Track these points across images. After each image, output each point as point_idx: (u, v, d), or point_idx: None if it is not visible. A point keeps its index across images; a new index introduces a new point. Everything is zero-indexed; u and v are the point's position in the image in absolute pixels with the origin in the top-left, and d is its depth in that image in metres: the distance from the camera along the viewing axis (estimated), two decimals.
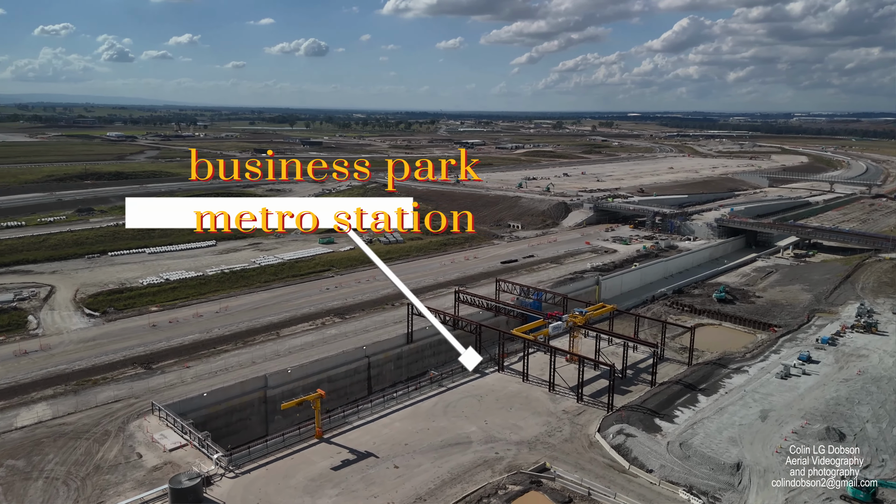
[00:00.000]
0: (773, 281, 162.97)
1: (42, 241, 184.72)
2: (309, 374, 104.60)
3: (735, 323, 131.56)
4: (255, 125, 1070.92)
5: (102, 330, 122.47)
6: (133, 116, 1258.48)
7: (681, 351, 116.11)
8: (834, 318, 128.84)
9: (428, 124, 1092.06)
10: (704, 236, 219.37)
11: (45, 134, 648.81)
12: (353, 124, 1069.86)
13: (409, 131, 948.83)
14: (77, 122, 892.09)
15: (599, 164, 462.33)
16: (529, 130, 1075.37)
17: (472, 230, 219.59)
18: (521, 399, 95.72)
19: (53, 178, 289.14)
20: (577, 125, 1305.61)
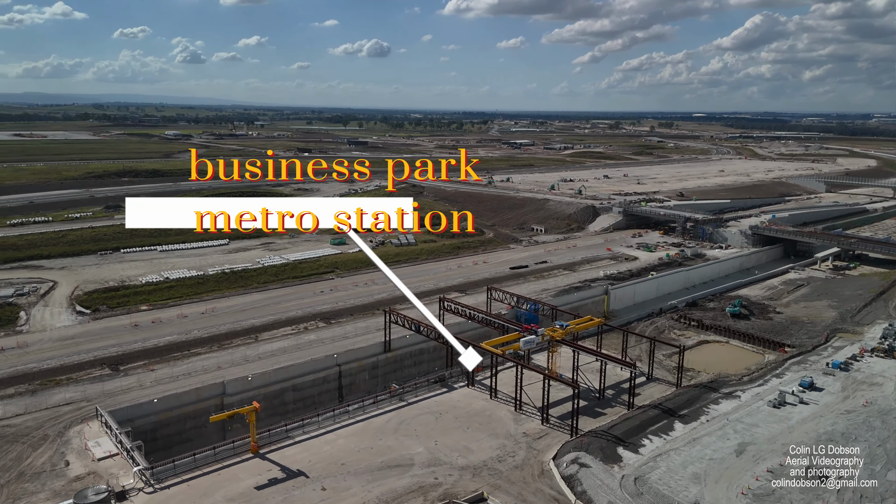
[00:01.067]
0: (799, 295, 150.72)
1: (61, 236, 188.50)
2: (271, 382, 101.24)
3: (744, 341, 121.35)
4: (312, 124, 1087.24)
5: (85, 328, 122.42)
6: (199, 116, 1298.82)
7: (675, 371, 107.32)
8: (855, 340, 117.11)
9: (480, 124, 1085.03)
10: (738, 245, 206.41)
11: (109, 132, 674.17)
12: (407, 124, 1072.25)
13: (460, 131, 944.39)
14: (142, 121, 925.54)
15: (646, 167, 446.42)
16: (584, 131, 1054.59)
17: (471, 230, 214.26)
18: (482, 418, 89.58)
19: (93, 175, 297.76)
20: (635, 126, 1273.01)
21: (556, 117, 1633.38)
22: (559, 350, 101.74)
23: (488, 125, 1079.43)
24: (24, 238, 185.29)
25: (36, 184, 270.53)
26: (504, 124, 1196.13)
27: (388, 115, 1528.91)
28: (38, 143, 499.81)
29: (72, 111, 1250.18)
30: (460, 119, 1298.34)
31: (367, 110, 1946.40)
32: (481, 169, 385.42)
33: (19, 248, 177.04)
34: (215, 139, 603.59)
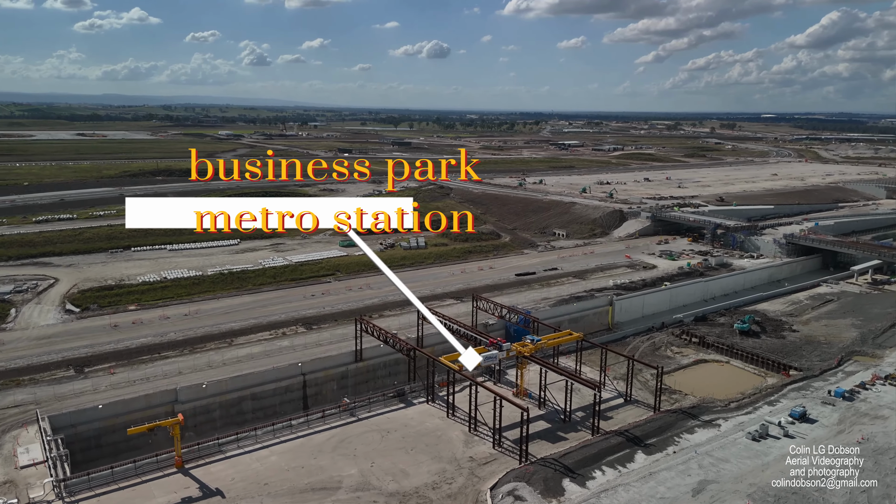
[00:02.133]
0: (823, 312, 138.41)
1: (78, 234, 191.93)
2: (228, 391, 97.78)
3: (745, 361, 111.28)
4: (366, 125, 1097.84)
5: (66, 327, 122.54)
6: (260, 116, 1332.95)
7: (664, 391, 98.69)
8: (871, 365, 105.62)
9: (532, 125, 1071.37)
10: (771, 254, 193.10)
11: (167, 132, 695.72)
12: (459, 125, 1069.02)
13: (511, 132, 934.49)
14: (201, 122, 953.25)
15: (693, 169, 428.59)
16: (640, 132, 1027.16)
17: (471, 230, 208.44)
18: (431, 438, 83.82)
19: (128, 173, 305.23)
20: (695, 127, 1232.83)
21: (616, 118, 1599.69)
22: (528, 366, 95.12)
23: (540, 126, 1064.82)
24: (42, 235, 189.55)
25: (72, 181, 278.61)
26: (558, 125, 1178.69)
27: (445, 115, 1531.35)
28: (92, 143, 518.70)
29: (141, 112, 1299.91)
30: (516, 120, 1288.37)
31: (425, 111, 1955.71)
32: (517, 170, 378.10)
33: (35, 244, 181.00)
34: (264, 139, 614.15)
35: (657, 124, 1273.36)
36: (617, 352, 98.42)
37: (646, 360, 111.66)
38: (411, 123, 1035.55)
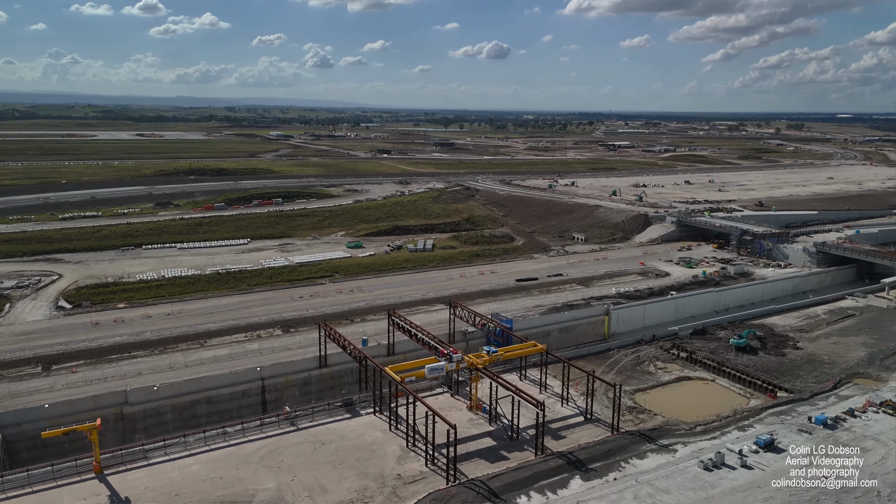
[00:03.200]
0: (838, 328, 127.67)
1: (95, 231, 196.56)
2: (181, 393, 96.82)
3: (732, 380, 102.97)
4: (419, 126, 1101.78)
5: (51, 324, 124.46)
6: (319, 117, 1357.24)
7: (632, 410, 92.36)
8: (871, 388, 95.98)
9: (586, 125, 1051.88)
10: (800, 263, 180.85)
11: (221, 133, 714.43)
12: (511, 125, 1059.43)
13: (563, 132, 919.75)
14: (257, 123, 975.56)
15: (741, 172, 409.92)
16: (699, 133, 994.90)
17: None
18: (365, 452, 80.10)
19: (163, 172, 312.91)
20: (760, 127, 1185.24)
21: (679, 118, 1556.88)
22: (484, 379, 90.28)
23: (594, 126, 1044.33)
24: (62, 232, 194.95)
25: (108, 180, 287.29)
26: (614, 125, 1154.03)
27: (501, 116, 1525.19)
28: (145, 143, 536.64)
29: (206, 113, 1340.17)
30: (575, 120, 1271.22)
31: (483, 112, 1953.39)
32: (554, 172, 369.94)
33: (53, 241, 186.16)
34: (313, 140, 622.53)
35: (719, 125, 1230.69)
36: (578, 367, 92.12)
37: (626, 375, 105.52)
38: (462, 124, 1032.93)
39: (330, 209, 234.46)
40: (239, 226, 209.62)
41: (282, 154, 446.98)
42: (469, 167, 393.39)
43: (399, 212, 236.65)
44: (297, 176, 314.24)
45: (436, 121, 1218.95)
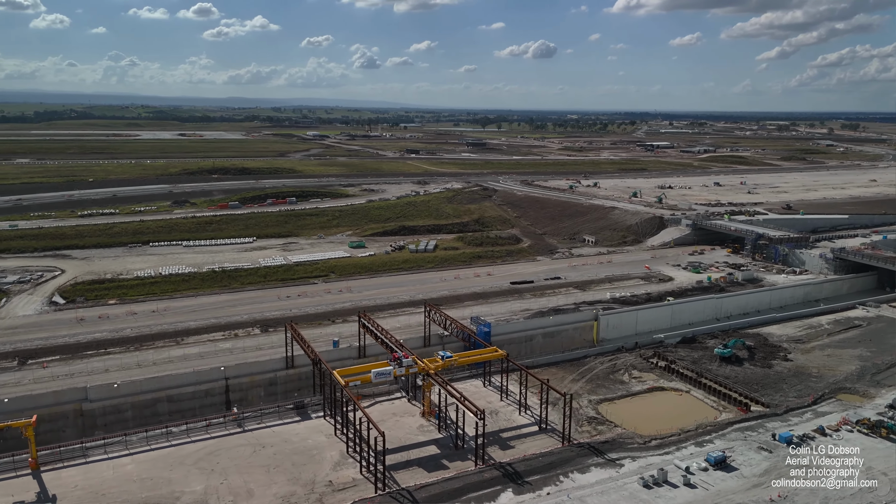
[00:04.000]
0: (837, 340, 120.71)
1: (107, 228, 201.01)
2: (142, 391, 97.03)
3: (708, 392, 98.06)
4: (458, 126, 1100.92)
5: (39, 319, 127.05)
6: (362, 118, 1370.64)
7: (591, 421, 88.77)
8: (855, 405, 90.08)
9: (627, 125, 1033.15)
10: (817, 270, 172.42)
11: (260, 132, 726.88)
12: (551, 125, 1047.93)
13: (602, 132, 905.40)
14: (298, 123, 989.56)
15: (780, 174, 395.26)
16: (746, 133, 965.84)
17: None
18: (303, 457, 78.85)
19: (187, 171, 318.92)
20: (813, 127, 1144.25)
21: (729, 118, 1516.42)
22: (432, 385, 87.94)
23: (636, 126, 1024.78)
24: (75, 229, 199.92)
25: (134, 178, 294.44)
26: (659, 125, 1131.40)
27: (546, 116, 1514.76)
28: (183, 142, 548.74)
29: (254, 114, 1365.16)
30: (619, 120, 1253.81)
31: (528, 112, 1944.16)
32: (578, 172, 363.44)
33: (66, 237, 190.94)
34: (347, 139, 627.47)
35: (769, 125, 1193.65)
36: (534, 374, 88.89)
37: (597, 384, 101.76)
38: (500, 125, 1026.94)
39: (340, 209, 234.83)
40: (248, 224, 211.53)
41: (311, 154, 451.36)
42: (495, 167, 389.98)
43: (410, 212, 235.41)
44: (318, 175, 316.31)
45: (476, 121, 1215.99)
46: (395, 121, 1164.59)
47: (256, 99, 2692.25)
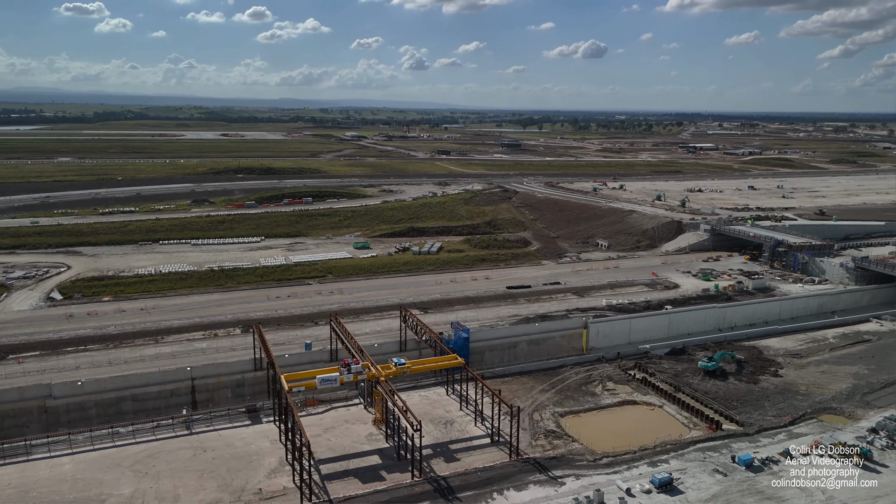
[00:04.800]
0: (837, 355, 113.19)
1: (122, 226, 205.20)
2: (106, 389, 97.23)
3: (681, 407, 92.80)
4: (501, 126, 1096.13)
5: (31, 314, 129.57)
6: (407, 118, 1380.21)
7: (549, 434, 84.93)
8: (836, 427, 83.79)
9: (673, 126, 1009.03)
10: (837, 279, 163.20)
11: (301, 133, 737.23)
12: (594, 126, 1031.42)
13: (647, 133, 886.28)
14: (340, 124, 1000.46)
15: (822, 177, 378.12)
16: (799, 135, 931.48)
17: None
18: (240, 463, 77.54)
19: (213, 171, 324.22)
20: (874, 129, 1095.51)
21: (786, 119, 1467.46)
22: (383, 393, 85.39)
23: (683, 127, 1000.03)
24: (92, 226, 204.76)
25: (161, 177, 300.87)
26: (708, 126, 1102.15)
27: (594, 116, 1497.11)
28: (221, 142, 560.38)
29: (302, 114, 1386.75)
30: (668, 120, 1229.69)
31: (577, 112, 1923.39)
32: (607, 174, 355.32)
33: (81, 234, 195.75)
34: (384, 140, 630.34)
35: (826, 126, 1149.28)
36: (486, 385, 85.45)
37: (566, 395, 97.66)
38: (541, 125, 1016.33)
39: (353, 209, 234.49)
40: (259, 224, 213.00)
41: (343, 154, 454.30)
42: (524, 169, 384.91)
43: (424, 213, 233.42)
44: (341, 176, 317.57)
45: (520, 121, 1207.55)
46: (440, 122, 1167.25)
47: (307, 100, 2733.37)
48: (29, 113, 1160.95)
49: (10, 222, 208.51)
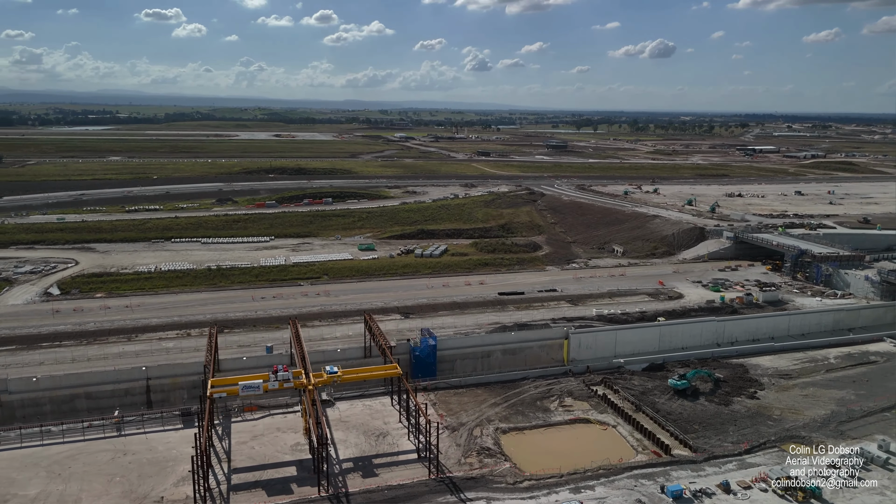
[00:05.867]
0: (829, 378, 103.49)
1: (140, 224, 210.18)
2: (61, 386, 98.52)
3: (636, 429, 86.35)
4: (557, 127, 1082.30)
5: (23, 308, 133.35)
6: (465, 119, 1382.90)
7: (483, 452, 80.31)
8: (799, 457, 75.82)
9: (737, 127, 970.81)
10: (862, 294, 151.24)
11: (350, 134, 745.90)
12: (652, 127, 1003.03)
13: (707, 135, 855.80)
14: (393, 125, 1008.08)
15: (881, 183, 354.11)
16: (873, 137, 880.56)
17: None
18: (154, 468, 76.16)
19: (246, 170, 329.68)
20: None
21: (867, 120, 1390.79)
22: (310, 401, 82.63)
23: (747, 129, 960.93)
24: (112, 223, 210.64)
25: (193, 176, 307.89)
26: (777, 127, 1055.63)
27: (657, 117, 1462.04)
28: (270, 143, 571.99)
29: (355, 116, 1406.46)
30: (739, 121, 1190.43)
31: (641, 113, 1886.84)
32: (646, 178, 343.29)
33: (101, 231, 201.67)
34: (431, 141, 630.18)
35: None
36: (414, 397, 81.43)
37: (517, 410, 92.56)
38: (596, 126, 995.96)
39: (369, 210, 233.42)
40: (273, 224, 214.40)
41: (384, 155, 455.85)
42: (562, 171, 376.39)
43: (440, 215, 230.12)
44: (370, 176, 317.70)
45: (577, 122, 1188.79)
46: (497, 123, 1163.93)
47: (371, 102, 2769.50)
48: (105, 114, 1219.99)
49: (39, 218, 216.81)
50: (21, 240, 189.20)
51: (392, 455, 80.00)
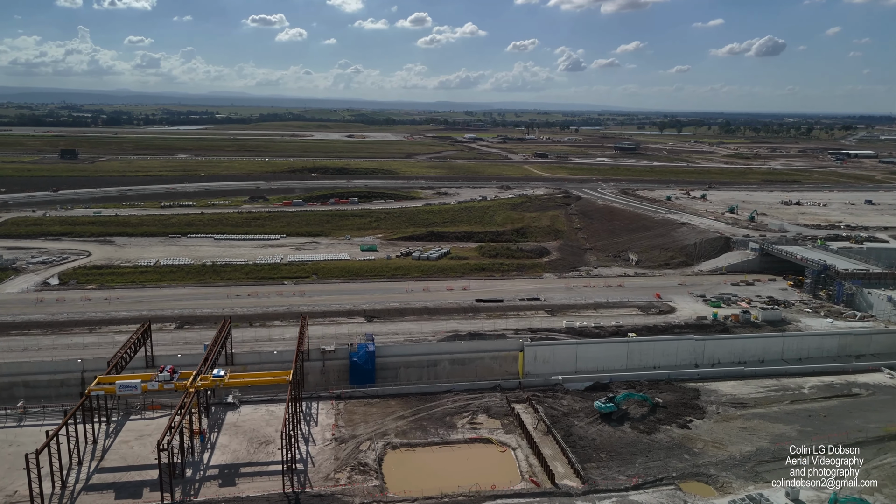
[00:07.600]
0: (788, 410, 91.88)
1: (166, 219, 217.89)
2: None
3: (534, 453, 79.60)
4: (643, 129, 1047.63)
5: (14, 297, 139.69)
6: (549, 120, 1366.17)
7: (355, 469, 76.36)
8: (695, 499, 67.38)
9: (839, 130, 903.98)
10: (885, 316, 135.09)
11: (422, 135, 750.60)
12: (748, 130, 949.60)
13: (804, 138, 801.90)
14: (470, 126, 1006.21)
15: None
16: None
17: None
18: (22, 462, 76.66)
19: (290, 169, 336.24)
20: None
21: None
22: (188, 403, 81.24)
23: (850, 131, 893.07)
24: (140, 218, 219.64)
25: (239, 174, 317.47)
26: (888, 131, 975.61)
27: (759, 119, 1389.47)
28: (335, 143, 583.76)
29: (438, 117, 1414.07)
30: (852, 122, 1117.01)
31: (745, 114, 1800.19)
32: (700, 182, 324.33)
33: (128, 224, 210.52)
34: (499, 142, 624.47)
35: None
36: (291, 406, 78.24)
37: (420, 425, 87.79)
38: (680, 129, 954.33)
39: (388, 211, 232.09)
40: (291, 222, 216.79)
41: (440, 156, 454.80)
42: (617, 174, 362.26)
43: (460, 217, 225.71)
44: (410, 177, 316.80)
45: (662, 124, 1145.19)
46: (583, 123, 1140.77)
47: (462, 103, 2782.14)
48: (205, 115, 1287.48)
49: (79, 212, 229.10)
50: (52, 231, 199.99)
51: (261, 465, 77.38)
